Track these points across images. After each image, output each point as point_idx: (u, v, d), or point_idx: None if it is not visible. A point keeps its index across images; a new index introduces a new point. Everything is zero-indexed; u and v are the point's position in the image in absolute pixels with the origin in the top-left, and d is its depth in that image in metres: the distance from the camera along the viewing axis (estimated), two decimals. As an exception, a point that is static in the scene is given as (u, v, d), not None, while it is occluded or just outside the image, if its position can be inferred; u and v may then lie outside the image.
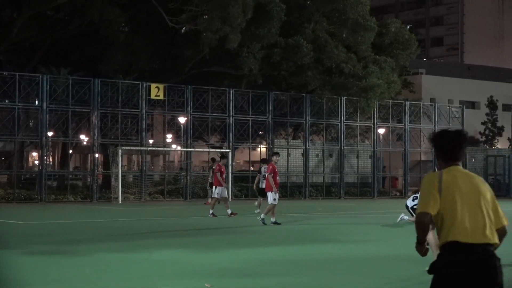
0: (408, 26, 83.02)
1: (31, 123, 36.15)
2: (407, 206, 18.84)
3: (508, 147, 57.80)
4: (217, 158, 31.44)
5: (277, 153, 22.34)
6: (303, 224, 20.60)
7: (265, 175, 20.97)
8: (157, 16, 36.38)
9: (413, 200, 18.35)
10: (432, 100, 59.43)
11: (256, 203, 25.29)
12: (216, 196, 23.10)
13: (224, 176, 23.36)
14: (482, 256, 5.12)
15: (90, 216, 24.28)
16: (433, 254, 8.32)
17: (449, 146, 5.22)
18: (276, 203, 19.58)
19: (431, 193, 5.06)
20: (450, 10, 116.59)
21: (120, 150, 33.15)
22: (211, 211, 22.46)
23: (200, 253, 13.65)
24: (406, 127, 43.51)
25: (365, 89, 39.04)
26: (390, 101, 42.65)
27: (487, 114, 66.38)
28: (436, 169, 5.67)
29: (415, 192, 18.17)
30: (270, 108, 38.79)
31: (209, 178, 32.11)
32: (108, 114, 34.62)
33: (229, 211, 22.44)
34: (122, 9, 36.22)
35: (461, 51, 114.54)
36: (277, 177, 20.41)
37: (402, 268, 11.97)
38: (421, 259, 12.94)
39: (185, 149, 37.25)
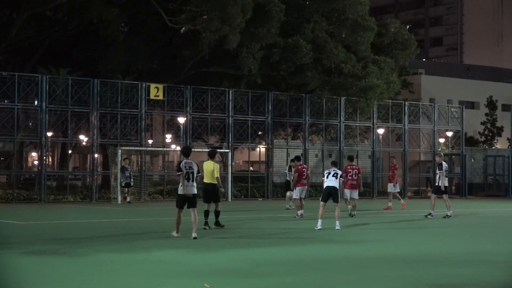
0: (408, 26, 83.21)
1: (30, 123, 36.12)
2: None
3: (508, 147, 57.75)
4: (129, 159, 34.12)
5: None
6: (302, 224, 20.61)
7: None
8: (156, 16, 36.38)
9: (327, 177, 19.19)
10: (432, 100, 59.39)
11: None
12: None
13: None
14: (211, 185, 18.60)
15: (89, 216, 24.25)
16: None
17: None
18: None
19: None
20: (450, 10, 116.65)
21: (120, 150, 33.13)
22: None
23: (200, 253, 13.65)
24: (406, 127, 43.51)
25: (364, 89, 39.03)
26: (390, 101, 42.65)
27: (486, 114, 66.33)
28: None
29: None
30: (270, 108, 38.78)
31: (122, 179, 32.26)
32: (108, 114, 34.60)
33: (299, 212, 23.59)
34: (121, 9, 36.22)
35: (460, 51, 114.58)
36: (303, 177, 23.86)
37: (402, 268, 11.97)
38: (421, 259, 12.97)
39: (184, 149, 37.19)
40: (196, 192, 16.39)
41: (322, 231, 18.12)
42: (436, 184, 23.89)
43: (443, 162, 23.86)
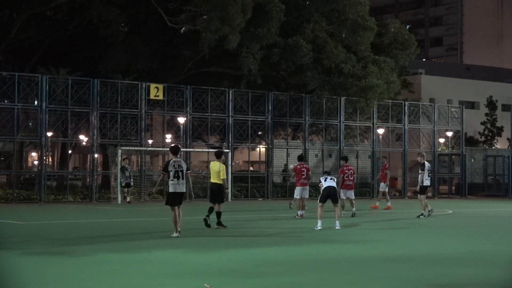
0: (408, 26, 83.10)
1: (30, 123, 36.12)
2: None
3: (508, 147, 57.75)
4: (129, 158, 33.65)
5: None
6: (302, 224, 20.61)
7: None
8: (156, 16, 36.38)
9: (325, 180, 18.97)
10: (432, 100, 59.42)
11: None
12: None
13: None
14: (216, 185, 18.71)
15: (89, 216, 24.26)
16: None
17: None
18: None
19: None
20: (450, 10, 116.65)
21: (120, 150, 33.13)
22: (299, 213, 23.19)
23: (200, 253, 13.65)
24: (406, 127, 43.50)
25: (364, 89, 39.01)
26: (390, 101, 42.63)
27: (486, 114, 66.38)
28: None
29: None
30: (270, 108, 38.77)
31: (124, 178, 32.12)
32: (108, 114, 34.60)
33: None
34: (121, 9, 36.20)
35: (460, 51, 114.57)
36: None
37: (402, 268, 11.97)
38: (421, 259, 12.96)
39: (184, 149, 37.21)
40: (185, 190, 16.78)
41: (322, 231, 18.12)
42: (420, 184, 23.97)
43: (426, 162, 24.04)
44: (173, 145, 18.38)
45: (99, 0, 35.18)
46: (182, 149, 37.62)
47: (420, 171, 23.83)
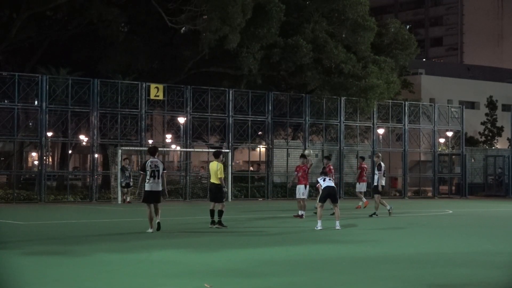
0: (408, 26, 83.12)
1: (30, 123, 36.12)
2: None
3: (508, 147, 57.73)
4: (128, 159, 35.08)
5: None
6: (302, 224, 20.62)
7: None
8: (156, 16, 36.38)
9: (323, 180, 18.99)
10: (432, 100, 59.41)
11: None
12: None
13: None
14: (214, 185, 18.90)
15: (89, 216, 24.26)
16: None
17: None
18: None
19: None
20: (450, 10, 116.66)
21: (120, 150, 33.13)
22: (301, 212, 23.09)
23: (200, 253, 13.65)
24: (406, 127, 43.49)
25: (364, 89, 39.02)
26: (390, 101, 42.63)
27: (486, 114, 66.36)
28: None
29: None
30: (270, 108, 38.77)
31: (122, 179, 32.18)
32: (108, 114, 34.60)
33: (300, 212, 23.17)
34: (121, 9, 36.22)
35: (460, 51, 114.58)
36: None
37: (402, 268, 11.97)
38: (421, 259, 12.97)
39: (184, 149, 37.25)
40: (161, 189, 17.76)
41: (322, 231, 18.12)
42: (375, 184, 23.96)
43: (381, 163, 24.14)
44: (150, 146, 18.92)
45: (99, 0, 35.19)
46: (181, 149, 37.90)
47: (377, 172, 23.88)
